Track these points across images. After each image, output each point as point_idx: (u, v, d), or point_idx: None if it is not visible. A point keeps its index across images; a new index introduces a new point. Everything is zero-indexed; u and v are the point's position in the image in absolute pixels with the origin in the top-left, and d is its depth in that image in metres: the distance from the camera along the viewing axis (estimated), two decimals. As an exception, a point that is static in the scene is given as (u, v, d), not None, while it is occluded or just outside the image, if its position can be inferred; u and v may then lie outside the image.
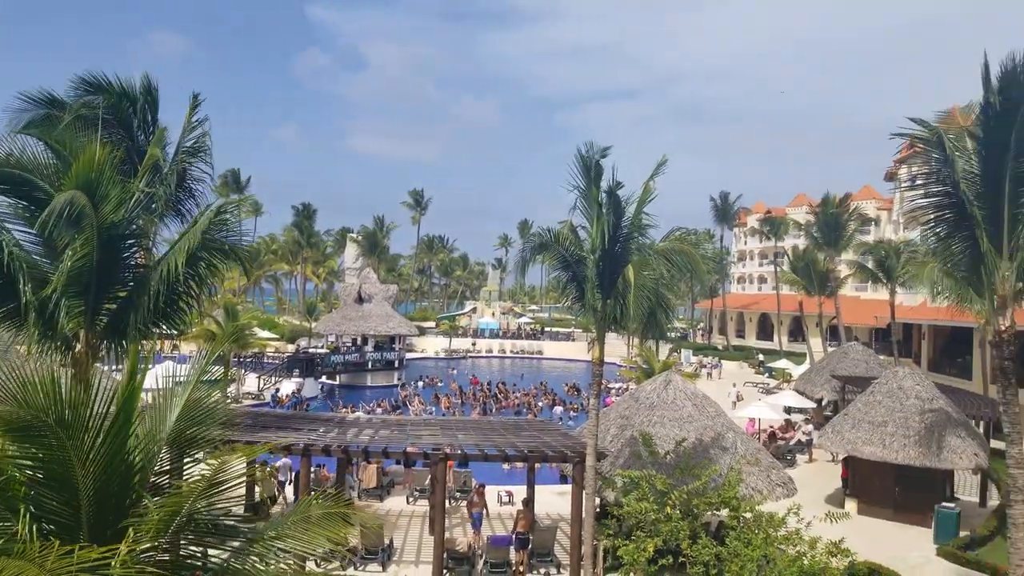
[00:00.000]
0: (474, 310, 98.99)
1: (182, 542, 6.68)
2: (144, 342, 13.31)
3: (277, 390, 45.88)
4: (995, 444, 26.30)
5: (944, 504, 22.27)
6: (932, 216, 14.69)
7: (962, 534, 21.32)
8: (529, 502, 20.47)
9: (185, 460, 7.31)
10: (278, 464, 23.66)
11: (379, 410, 40.68)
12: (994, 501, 25.19)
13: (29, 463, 6.25)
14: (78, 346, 11.73)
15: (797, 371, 50.59)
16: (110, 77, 14.30)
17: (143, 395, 7.18)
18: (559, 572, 18.17)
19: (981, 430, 27.65)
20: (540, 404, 45.81)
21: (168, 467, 7.22)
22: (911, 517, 22.99)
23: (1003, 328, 13.78)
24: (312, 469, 20.15)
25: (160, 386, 7.38)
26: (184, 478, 7.23)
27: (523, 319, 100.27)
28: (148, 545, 6.06)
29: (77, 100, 13.89)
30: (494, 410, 43.93)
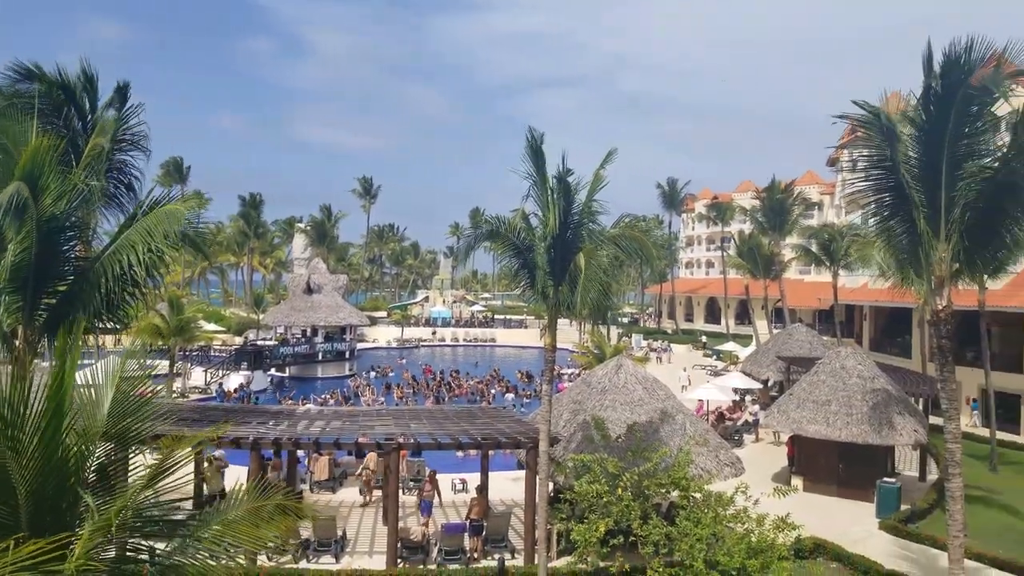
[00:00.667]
0: (426, 299, 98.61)
1: (129, 538, 6.55)
2: (86, 337, 12.98)
3: (220, 385, 45.16)
4: (934, 420, 27.25)
5: (885, 479, 22.98)
6: (873, 199, 14.96)
7: (903, 508, 22.08)
8: (482, 489, 20.54)
9: (128, 455, 7.17)
10: (216, 453, 23.31)
11: (331, 401, 40.32)
12: (933, 475, 26.12)
13: None
14: (16, 342, 11.41)
15: (744, 353, 51.66)
16: (44, 65, 13.85)
17: (84, 391, 7.02)
18: (513, 557, 18.29)
19: (920, 407, 28.63)
20: (493, 391, 45.91)
21: (111, 462, 7.06)
22: (854, 493, 23.69)
23: (940, 308, 14.15)
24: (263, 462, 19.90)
25: (102, 381, 7.20)
26: (129, 473, 7.09)
27: (475, 307, 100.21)
28: (94, 542, 5.94)
29: (8, 88, 13.43)
30: (447, 399, 43.88)
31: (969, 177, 13.52)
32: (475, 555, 18.28)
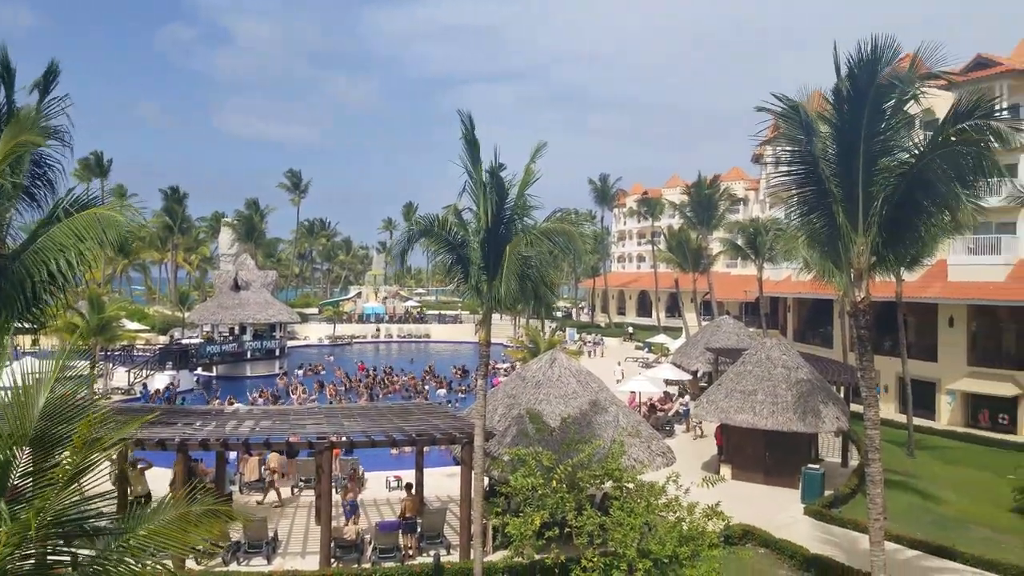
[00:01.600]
0: (359, 295, 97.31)
1: (50, 544, 6.32)
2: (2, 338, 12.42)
3: (145, 385, 43.82)
4: (855, 407, 28.25)
5: (810, 466, 23.74)
6: (794, 193, 15.33)
7: (827, 493, 22.85)
8: (411, 486, 20.50)
9: (48, 461, 6.89)
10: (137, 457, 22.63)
11: (261, 400, 39.50)
12: (854, 461, 27.04)
13: None
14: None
15: (674, 345, 52.65)
16: None
17: (10, 394, 6.74)
18: (449, 553, 18.28)
19: (842, 395, 29.61)
20: (427, 387, 45.69)
21: (31, 469, 6.79)
22: (780, 480, 24.42)
23: (859, 299, 14.56)
24: (191, 464, 19.39)
25: (20, 383, 6.91)
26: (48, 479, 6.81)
27: (409, 303, 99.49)
28: (9, 548, 5.70)
29: None
30: (381, 396, 43.47)
31: (886, 172, 13.95)
32: (410, 552, 18.20)
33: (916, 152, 13.91)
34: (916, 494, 23.81)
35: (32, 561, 6.21)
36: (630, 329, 77.48)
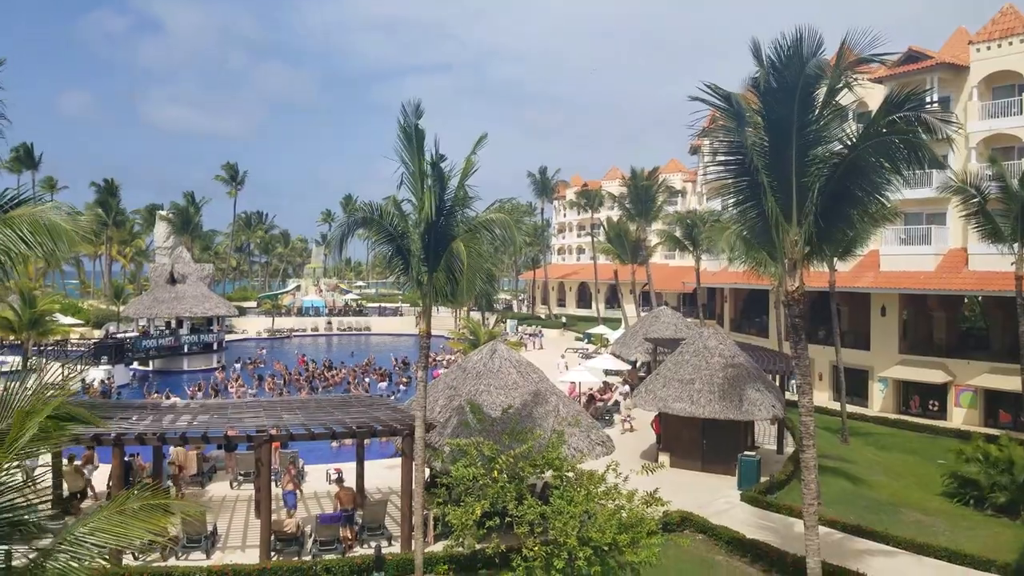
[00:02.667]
0: (298, 288, 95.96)
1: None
2: None
3: (83, 380, 42.59)
4: (790, 396, 29.07)
5: (746, 453, 24.27)
6: (730, 184, 15.49)
7: (763, 480, 23.35)
8: (342, 479, 20.48)
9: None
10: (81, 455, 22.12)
11: (199, 394, 38.80)
12: (790, 448, 27.66)
13: None
14: None
15: (614, 336, 53.34)
16: None
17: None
18: (391, 544, 18.34)
19: (777, 383, 30.18)
20: (368, 380, 45.45)
21: None
22: (718, 467, 24.92)
23: (793, 289, 14.82)
24: (126, 459, 19.02)
25: None
26: None
27: (349, 295, 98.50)
28: None
29: None
30: (321, 389, 43.10)
31: (820, 163, 14.17)
32: (350, 544, 18.20)
33: (849, 143, 14.11)
34: (849, 479, 24.49)
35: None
36: (563, 319, 78.41)
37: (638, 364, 42.56)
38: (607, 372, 39.93)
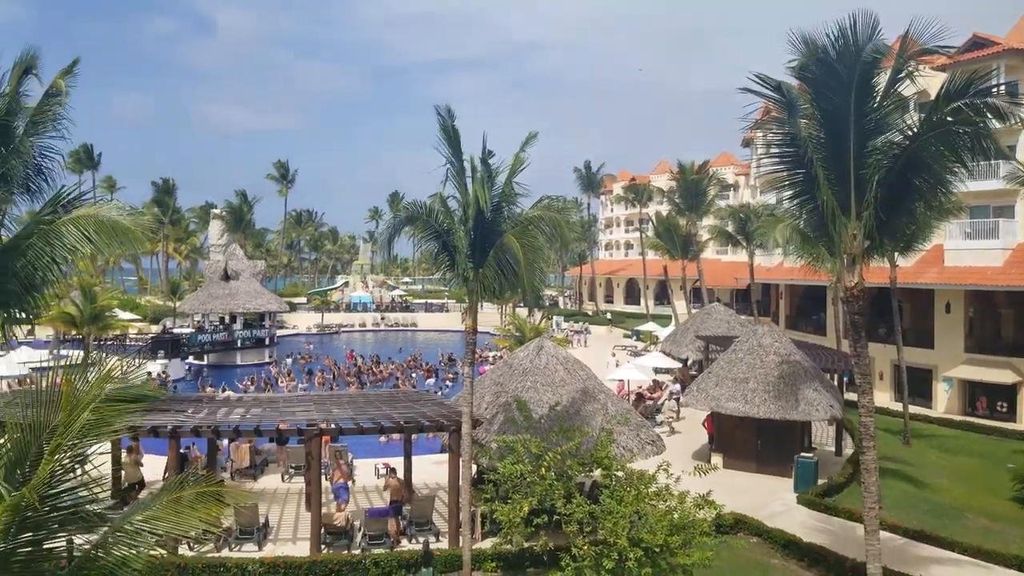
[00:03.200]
0: (346, 284, 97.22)
1: (45, 530, 6.39)
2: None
3: (149, 373, 43.70)
4: (849, 395, 28.23)
5: (803, 455, 23.60)
6: (785, 175, 15.09)
7: (820, 482, 22.69)
8: (395, 470, 20.59)
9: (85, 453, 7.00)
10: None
11: (251, 388, 39.52)
12: (849, 450, 26.87)
13: None
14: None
15: (663, 333, 52.73)
16: None
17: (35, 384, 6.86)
18: (438, 540, 18.38)
19: (835, 382, 29.35)
20: (415, 375, 45.76)
21: (40, 457, 6.88)
22: (773, 468, 24.26)
23: (852, 285, 14.37)
24: (182, 450, 19.43)
25: (19, 373, 7.04)
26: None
27: (396, 291, 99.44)
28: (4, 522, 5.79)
29: None
30: (369, 384, 43.54)
31: (879, 154, 13.74)
32: (396, 538, 18.30)
33: (910, 133, 13.61)
34: (912, 483, 23.70)
35: (29, 548, 6.28)
36: (608, 316, 77.86)
37: (689, 362, 42.01)
38: (657, 370, 39.46)
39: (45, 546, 6.38)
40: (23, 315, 12.55)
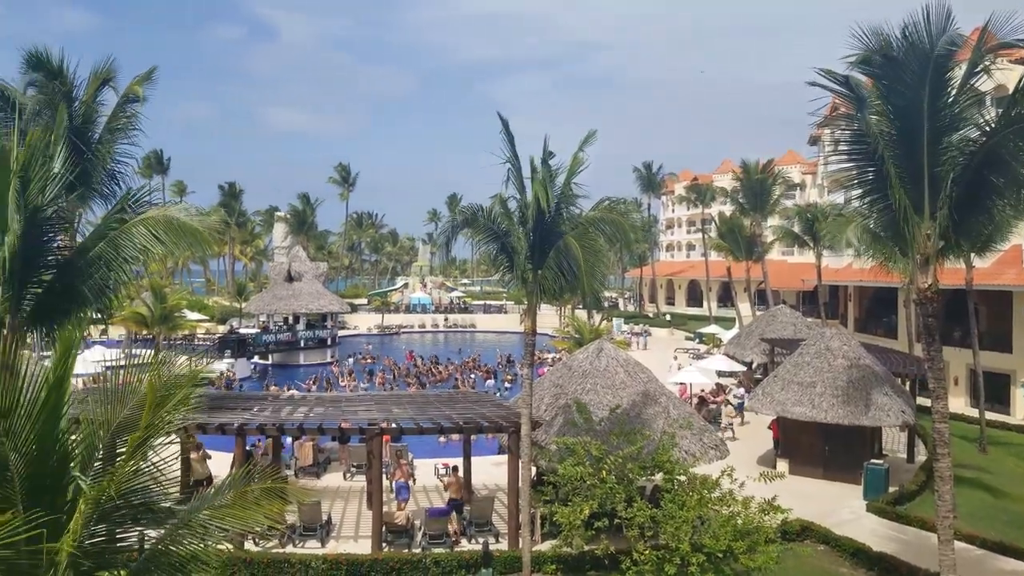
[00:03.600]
0: (406, 285, 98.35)
1: (117, 524, 6.58)
2: (73, 327, 12.94)
3: (222, 373, 44.88)
4: (922, 401, 27.21)
5: (873, 461, 22.97)
6: (854, 174, 14.70)
7: (891, 490, 22.02)
8: (457, 468, 20.64)
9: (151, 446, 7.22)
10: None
11: (314, 387, 40.23)
12: (922, 457, 26.02)
13: None
14: (4, 331, 11.33)
15: (727, 336, 51.85)
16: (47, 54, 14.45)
17: (74, 379, 7.06)
18: (498, 541, 18.36)
19: (908, 387, 28.41)
20: (473, 376, 45.95)
21: (113, 452, 7.11)
22: (841, 475, 23.60)
23: (926, 287, 13.94)
24: (247, 448, 19.85)
25: (94, 371, 7.34)
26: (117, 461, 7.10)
27: (455, 293, 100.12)
28: (86, 517, 5.97)
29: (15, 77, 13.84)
30: (428, 385, 43.88)
31: (954, 151, 13.29)
32: (457, 537, 18.35)
33: (988, 129, 13.07)
34: (989, 492, 22.82)
35: (104, 539, 6.47)
36: (667, 317, 77.05)
37: (754, 365, 41.23)
38: (720, 373, 38.81)
39: (119, 538, 6.55)
40: (97, 315, 12.97)
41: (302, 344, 55.76)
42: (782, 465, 24.43)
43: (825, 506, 20.97)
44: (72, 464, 6.47)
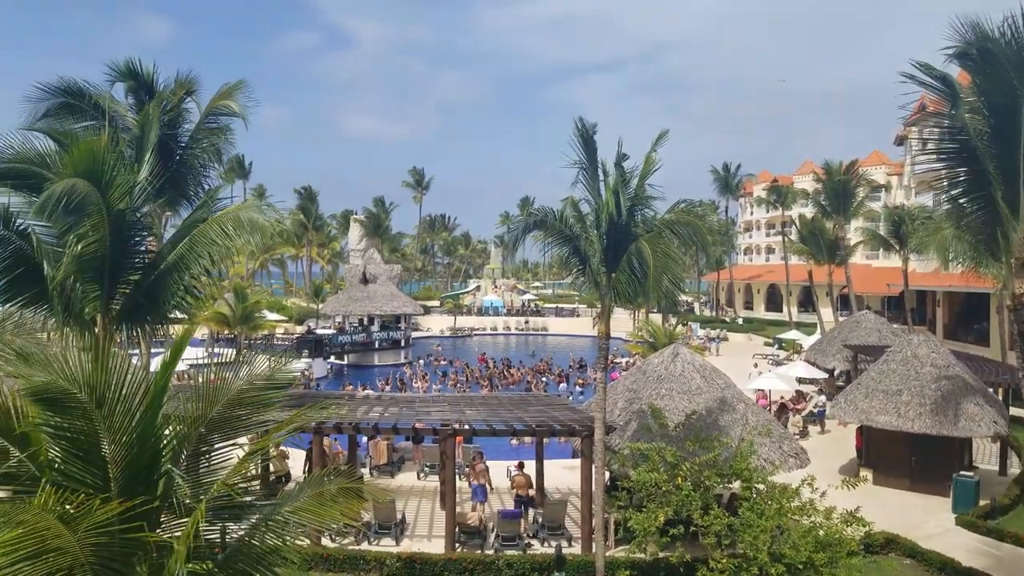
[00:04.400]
0: (478, 288, 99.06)
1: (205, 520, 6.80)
2: (160, 325, 13.49)
3: (302, 372, 46.07)
4: (1015, 411, 25.90)
5: (963, 473, 22.05)
6: (945, 174, 14.16)
7: (982, 503, 21.06)
8: (523, 464, 20.75)
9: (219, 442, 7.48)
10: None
11: (387, 388, 40.84)
12: (1015, 469, 24.89)
13: (57, 433, 6.38)
14: (96, 329, 11.89)
15: (808, 342, 50.36)
16: (137, 64, 15.18)
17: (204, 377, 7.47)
18: (571, 545, 18.25)
19: (1000, 397, 26.99)
20: (545, 380, 45.85)
21: (203, 448, 7.36)
22: (928, 487, 22.71)
23: (1021, 292, 13.39)
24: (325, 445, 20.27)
25: (188, 368, 7.69)
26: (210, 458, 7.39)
27: (527, 296, 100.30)
28: (199, 520, 6.17)
29: (107, 88, 14.65)
30: (500, 387, 44.01)
31: None
32: (524, 536, 18.32)
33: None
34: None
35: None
36: (739, 321, 75.74)
37: (836, 373, 39.98)
38: (800, 380, 37.73)
39: (203, 531, 6.74)
40: (182, 314, 13.50)
41: (376, 345, 56.77)
42: (866, 475, 23.44)
43: (911, 518, 20.19)
44: (164, 458, 6.69)
